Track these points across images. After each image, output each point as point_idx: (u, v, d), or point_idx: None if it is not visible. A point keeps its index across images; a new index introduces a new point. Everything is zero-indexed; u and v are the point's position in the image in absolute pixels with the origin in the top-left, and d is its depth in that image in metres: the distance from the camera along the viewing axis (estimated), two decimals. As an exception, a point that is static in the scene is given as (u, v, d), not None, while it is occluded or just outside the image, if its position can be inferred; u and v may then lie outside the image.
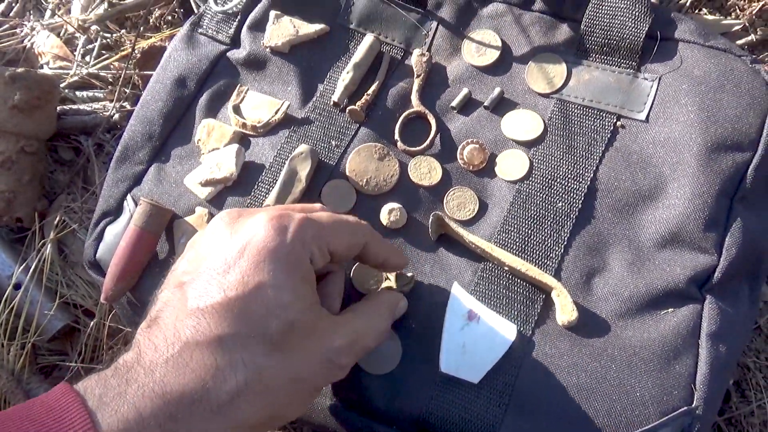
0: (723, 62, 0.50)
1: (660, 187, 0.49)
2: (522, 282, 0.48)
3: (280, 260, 0.36)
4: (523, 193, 0.51)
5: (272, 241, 0.36)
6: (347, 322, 0.40)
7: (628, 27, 0.52)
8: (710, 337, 0.45)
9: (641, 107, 0.51)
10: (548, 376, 0.45)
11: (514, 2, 0.56)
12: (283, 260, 0.36)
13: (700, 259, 0.47)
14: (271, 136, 0.56)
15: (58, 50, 0.76)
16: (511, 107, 0.54)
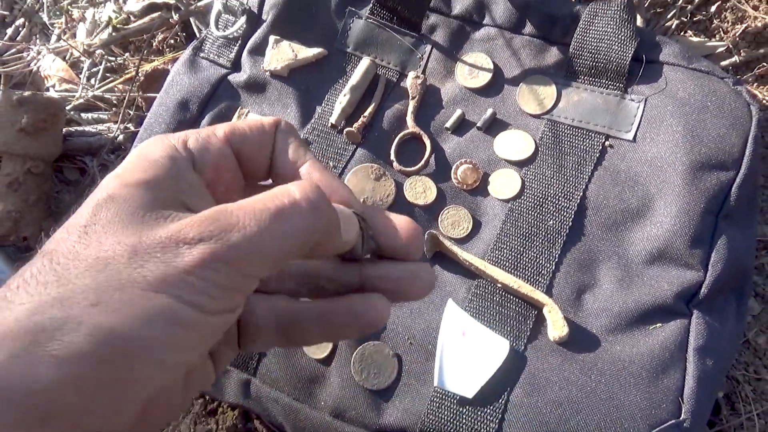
0: (706, 84, 0.52)
1: (647, 204, 0.50)
2: (514, 298, 0.50)
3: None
4: (515, 211, 0.53)
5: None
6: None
7: (614, 50, 0.54)
8: (697, 352, 0.46)
9: (629, 127, 0.53)
10: (540, 390, 0.46)
11: (505, 26, 0.58)
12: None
13: (687, 275, 0.48)
14: (270, 157, 0.58)
15: (63, 73, 0.78)
16: (504, 128, 0.56)
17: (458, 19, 0.59)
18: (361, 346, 0.49)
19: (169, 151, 0.25)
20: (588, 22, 0.55)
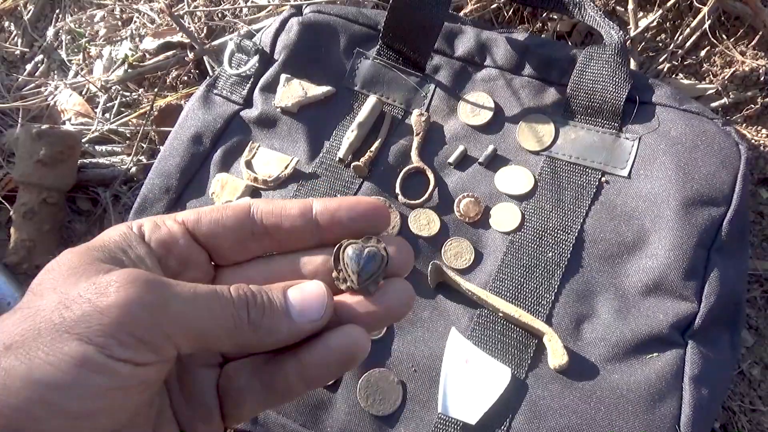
0: (697, 124, 0.55)
1: (642, 238, 0.52)
2: (516, 327, 0.51)
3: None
4: (515, 243, 0.55)
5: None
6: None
7: (609, 91, 0.57)
8: (693, 381, 0.48)
9: (624, 164, 0.56)
10: (541, 417, 0.47)
11: (505, 68, 0.61)
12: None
13: (682, 306, 0.50)
14: (280, 189, 0.60)
15: (80, 108, 0.81)
16: (504, 163, 0.58)
17: (461, 61, 0.63)
18: (367, 372, 0.51)
19: (122, 228, 0.28)
20: (584, 65, 0.58)
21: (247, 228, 0.29)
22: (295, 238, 0.30)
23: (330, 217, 0.29)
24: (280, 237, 0.29)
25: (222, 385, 0.29)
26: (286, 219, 0.29)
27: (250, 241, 0.30)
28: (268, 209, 0.29)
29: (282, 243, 0.30)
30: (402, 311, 0.29)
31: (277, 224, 0.29)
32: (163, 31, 0.82)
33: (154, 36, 0.82)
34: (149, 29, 0.83)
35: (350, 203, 0.29)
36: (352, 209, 0.29)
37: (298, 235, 0.29)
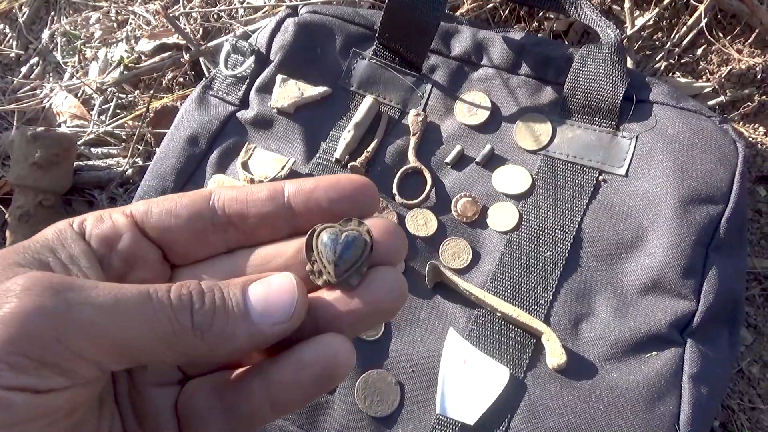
0: (694, 122, 0.54)
1: (640, 237, 0.52)
2: (514, 327, 0.51)
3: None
4: (513, 243, 0.54)
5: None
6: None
7: (606, 90, 0.57)
8: (692, 379, 0.47)
9: (621, 163, 0.55)
10: (540, 417, 0.47)
11: (502, 67, 0.61)
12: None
13: (680, 305, 0.50)
14: (277, 190, 0.60)
15: (75, 110, 0.81)
16: (501, 163, 0.58)
17: (457, 60, 0.62)
18: (365, 374, 0.50)
19: (61, 225, 0.24)
20: (581, 64, 0.58)
21: (205, 218, 0.25)
22: (265, 227, 0.25)
23: (305, 200, 0.25)
24: (246, 227, 0.25)
25: (181, 406, 0.25)
26: (252, 205, 0.25)
27: (210, 234, 0.25)
28: (230, 195, 0.25)
29: (249, 234, 0.26)
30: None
31: (242, 212, 0.25)
32: (158, 32, 0.82)
33: (150, 38, 0.81)
34: (145, 31, 0.83)
35: (329, 182, 0.25)
36: (331, 189, 0.25)
37: (268, 223, 0.25)
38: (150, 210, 0.25)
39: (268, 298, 0.23)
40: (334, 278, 0.24)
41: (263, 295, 0.23)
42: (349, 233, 0.24)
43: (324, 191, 0.25)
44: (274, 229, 0.25)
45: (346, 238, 0.24)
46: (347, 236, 0.24)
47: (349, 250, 0.24)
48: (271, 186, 0.25)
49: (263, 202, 0.25)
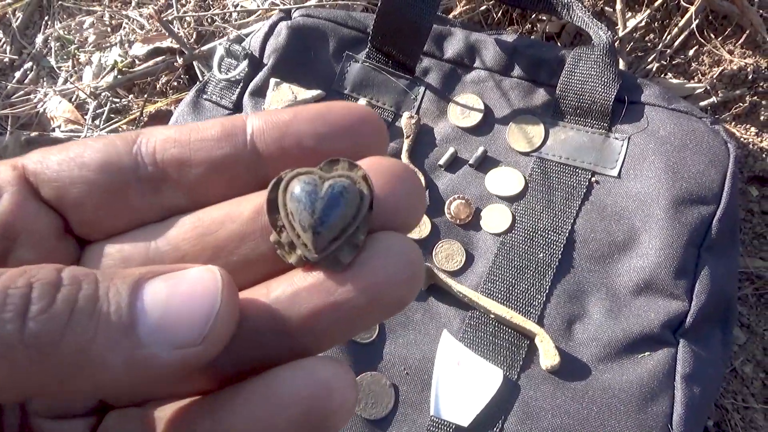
0: (685, 123, 0.55)
1: (633, 238, 0.52)
2: (507, 329, 0.51)
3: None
4: (506, 245, 0.55)
5: None
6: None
7: (598, 92, 0.57)
8: (685, 379, 0.48)
9: (613, 164, 0.56)
10: (533, 418, 0.47)
11: (494, 69, 0.61)
12: None
13: (673, 305, 0.50)
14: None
15: (69, 115, 0.81)
16: (494, 165, 0.58)
17: (450, 63, 0.63)
18: (359, 376, 0.50)
19: None
20: (573, 66, 0.58)
21: (126, 170, 0.17)
22: (217, 181, 0.18)
23: (279, 137, 0.18)
24: (189, 182, 0.18)
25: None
26: (198, 149, 0.18)
27: (134, 194, 0.18)
28: (165, 136, 0.18)
29: (194, 192, 0.18)
30: (404, 293, 0.16)
31: (183, 159, 0.18)
32: (152, 36, 0.82)
33: (144, 42, 0.81)
34: (138, 35, 0.83)
35: (315, 111, 0.18)
36: (319, 119, 0.18)
37: (222, 175, 0.18)
38: (46, 161, 0.17)
39: (169, 305, 0.15)
40: (313, 253, 0.16)
41: (163, 299, 0.15)
42: (335, 182, 0.17)
43: (308, 124, 0.18)
44: (231, 183, 0.18)
45: (331, 189, 0.16)
46: (332, 187, 0.16)
47: (335, 208, 0.16)
48: (226, 120, 0.18)
49: (214, 143, 0.18)
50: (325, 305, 0.16)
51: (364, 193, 0.17)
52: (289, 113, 0.18)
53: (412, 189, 0.17)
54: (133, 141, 0.18)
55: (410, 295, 0.17)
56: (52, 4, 0.89)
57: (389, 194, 0.17)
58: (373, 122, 0.18)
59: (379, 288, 0.16)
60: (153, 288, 0.15)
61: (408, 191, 0.17)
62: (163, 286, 0.15)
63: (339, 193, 0.16)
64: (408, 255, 0.16)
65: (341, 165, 0.17)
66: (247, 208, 0.17)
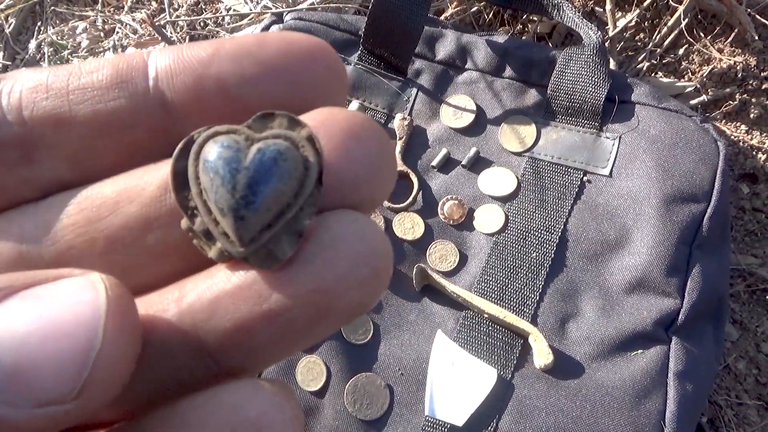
0: (675, 122, 0.55)
1: (625, 236, 0.53)
2: (501, 328, 0.52)
3: None
4: (499, 244, 0.55)
5: None
6: None
7: (589, 92, 0.57)
8: (677, 377, 0.48)
9: (605, 163, 0.56)
10: (528, 417, 0.48)
11: (486, 70, 0.62)
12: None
13: (665, 302, 0.50)
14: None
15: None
16: (487, 165, 0.59)
17: (442, 64, 0.63)
18: (354, 377, 0.51)
19: None
20: (563, 66, 0.58)
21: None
22: (111, 145, 0.13)
23: (194, 83, 0.13)
24: (72, 147, 0.13)
25: None
26: (80, 100, 0.13)
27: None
28: (35, 82, 0.13)
29: (81, 162, 0.14)
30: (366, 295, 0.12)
31: (61, 116, 0.13)
32: (145, 41, 0.82)
33: (137, 46, 0.82)
34: (132, 40, 0.83)
35: (242, 45, 0.13)
36: (246, 57, 0.13)
37: (117, 137, 0.13)
38: None
39: (26, 343, 0.11)
40: (237, 246, 0.12)
41: (19, 335, 0.11)
42: (266, 144, 0.12)
43: (233, 62, 0.13)
44: (128, 147, 0.14)
45: (261, 155, 0.12)
46: (262, 152, 0.12)
47: (267, 182, 0.12)
48: (119, 59, 0.13)
49: (102, 92, 0.13)
50: (255, 316, 0.12)
51: (310, 161, 0.12)
52: (207, 48, 0.13)
53: (377, 150, 0.13)
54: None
55: (372, 298, 0.12)
56: (45, 10, 0.89)
57: (345, 159, 0.13)
58: (325, 58, 0.13)
59: (330, 291, 0.12)
60: (5, 315, 0.11)
61: (371, 153, 0.13)
62: (20, 312, 0.11)
63: (272, 159, 0.12)
64: (370, 243, 0.12)
65: (278, 121, 0.13)
66: (150, 183, 0.13)
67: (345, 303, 0.12)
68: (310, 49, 0.13)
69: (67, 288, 0.11)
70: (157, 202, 0.13)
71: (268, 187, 0.12)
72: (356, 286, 0.12)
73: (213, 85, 0.13)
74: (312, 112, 0.13)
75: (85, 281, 0.11)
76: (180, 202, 0.13)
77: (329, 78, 0.13)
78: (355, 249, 0.12)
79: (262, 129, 0.13)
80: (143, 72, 0.13)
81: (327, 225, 0.12)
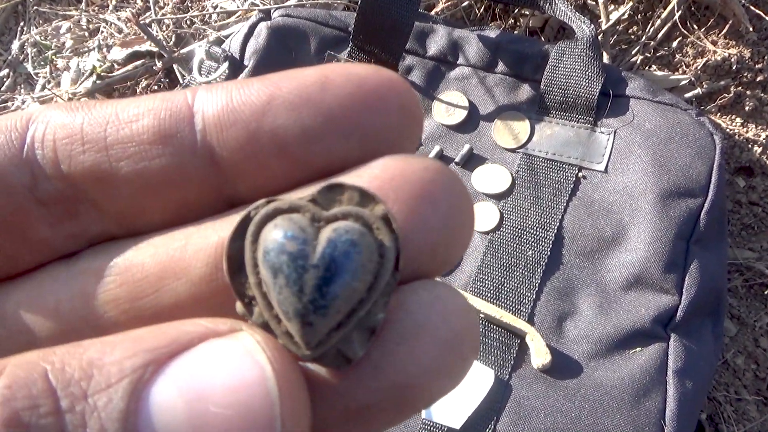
0: (671, 116, 0.54)
1: (621, 232, 0.52)
2: (497, 328, 0.51)
3: None
4: (494, 243, 0.54)
5: None
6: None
7: (582, 86, 0.56)
8: (677, 374, 0.47)
9: (600, 159, 0.55)
10: (526, 418, 0.47)
11: (478, 66, 0.61)
12: None
13: (663, 299, 0.50)
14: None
15: (48, 121, 0.80)
16: (480, 162, 0.58)
17: (433, 60, 0.62)
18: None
19: None
20: (556, 60, 0.57)
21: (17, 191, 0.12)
22: (160, 204, 0.12)
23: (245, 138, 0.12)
24: (117, 206, 0.12)
25: None
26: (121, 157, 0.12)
27: (37, 223, 0.12)
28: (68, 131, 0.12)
29: (128, 219, 0.12)
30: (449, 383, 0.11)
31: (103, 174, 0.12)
32: (131, 40, 0.80)
33: (122, 45, 0.80)
34: (117, 39, 0.82)
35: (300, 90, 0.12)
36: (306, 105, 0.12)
37: (166, 195, 0.12)
38: None
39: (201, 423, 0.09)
40: (304, 350, 0.11)
41: (184, 411, 0.09)
42: (338, 233, 0.11)
43: (290, 113, 0.11)
44: (179, 205, 0.12)
45: (332, 248, 0.11)
46: (333, 244, 0.11)
47: (338, 280, 0.11)
48: (161, 106, 0.12)
49: (145, 149, 0.12)
50: (336, 413, 0.11)
51: (385, 246, 0.11)
52: (261, 92, 0.11)
53: (456, 210, 0.11)
54: (22, 136, 0.12)
55: (458, 382, 0.11)
56: (28, 10, 0.88)
57: (421, 226, 0.11)
58: (399, 98, 0.11)
59: (415, 386, 0.11)
60: (158, 409, 0.09)
61: (449, 215, 0.11)
62: (174, 394, 0.09)
63: (345, 253, 0.10)
64: (455, 326, 0.11)
65: (347, 195, 0.11)
66: (197, 259, 0.11)
67: (430, 394, 0.11)
68: (382, 89, 0.12)
69: (220, 356, 0.09)
70: (207, 282, 0.12)
71: (340, 288, 0.11)
72: (442, 375, 0.11)
73: (268, 142, 0.11)
74: (379, 164, 0.11)
75: (241, 347, 0.10)
76: (236, 289, 0.11)
77: (403, 123, 0.12)
78: (441, 335, 0.11)
79: (329, 203, 0.11)
80: (189, 123, 0.12)
81: (407, 309, 0.11)
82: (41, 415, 0.08)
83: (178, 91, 0.12)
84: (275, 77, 0.12)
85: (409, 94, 0.12)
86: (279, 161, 0.12)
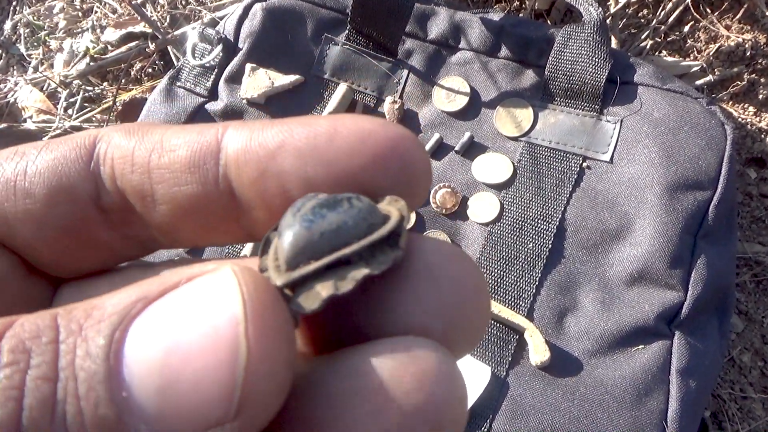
0: (680, 104, 0.52)
1: (626, 225, 0.50)
2: (495, 323, 0.49)
3: None
4: (494, 234, 0.52)
5: None
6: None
7: (588, 72, 0.54)
8: (680, 374, 0.46)
9: (605, 148, 0.53)
10: (523, 417, 0.45)
11: (480, 50, 0.59)
12: None
13: (668, 295, 0.48)
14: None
15: (41, 104, 0.78)
16: (481, 151, 0.56)
17: (434, 44, 0.60)
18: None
19: None
20: (562, 45, 0.55)
21: (84, 200, 0.14)
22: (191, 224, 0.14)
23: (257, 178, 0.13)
24: (156, 221, 0.14)
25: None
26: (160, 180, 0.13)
27: (99, 229, 0.14)
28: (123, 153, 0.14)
29: (167, 233, 0.14)
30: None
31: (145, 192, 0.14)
32: (125, 21, 0.78)
33: (116, 27, 0.78)
34: (111, 20, 0.80)
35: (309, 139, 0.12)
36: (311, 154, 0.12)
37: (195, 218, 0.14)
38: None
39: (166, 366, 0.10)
40: (283, 271, 0.12)
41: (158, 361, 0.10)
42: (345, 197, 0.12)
43: (296, 160, 0.12)
44: (206, 228, 0.14)
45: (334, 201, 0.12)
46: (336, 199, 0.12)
47: (332, 210, 0.12)
48: (198, 140, 0.13)
49: (179, 176, 0.13)
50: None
51: (389, 216, 0.12)
52: (277, 135, 0.13)
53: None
54: (89, 152, 0.14)
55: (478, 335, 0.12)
56: (21, -11, 0.86)
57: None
58: (406, 155, 0.12)
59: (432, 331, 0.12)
60: (139, 338, 0.10)
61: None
62: (155, 326, 0.10)
63: (347, 199, 0.12)
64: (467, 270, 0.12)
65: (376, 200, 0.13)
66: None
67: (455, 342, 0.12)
68: (387, 145, 0.12)
69: (198, 291, 0.11)
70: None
71: (335, 215, 0.11)
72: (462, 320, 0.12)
73: (273, 184, 0.13)
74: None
75: (217, 279, 0.11)
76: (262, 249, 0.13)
77: (406, 180, 0.13)
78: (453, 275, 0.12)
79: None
80: (215, 157, 0.13)
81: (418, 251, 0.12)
82: (41, 344, 0.10)
83: (213, 125, 0.14)
84: (292, 123, 0.13)
85: (416, 153, 0.13)
86: (282, 202, 0.13)
